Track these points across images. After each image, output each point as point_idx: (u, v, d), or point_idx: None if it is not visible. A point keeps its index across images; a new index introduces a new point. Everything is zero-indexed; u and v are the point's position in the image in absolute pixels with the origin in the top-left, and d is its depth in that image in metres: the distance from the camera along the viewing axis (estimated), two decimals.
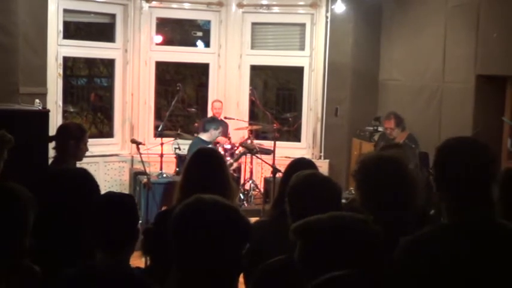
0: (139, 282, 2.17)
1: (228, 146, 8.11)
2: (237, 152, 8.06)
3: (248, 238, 2.02)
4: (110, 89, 9.43)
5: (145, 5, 8.93)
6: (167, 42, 9.85)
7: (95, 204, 2.39)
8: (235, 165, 7.87)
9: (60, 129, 4.42)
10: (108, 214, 2.34)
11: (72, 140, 4.16)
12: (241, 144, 8.01)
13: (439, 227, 2.20)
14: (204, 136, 7.60)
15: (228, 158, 7.74)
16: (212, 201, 2.01)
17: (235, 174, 7.71)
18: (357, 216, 2.01)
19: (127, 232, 2.35)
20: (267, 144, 8.43)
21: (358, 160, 2.73)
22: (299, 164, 3.26)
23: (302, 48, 9.29)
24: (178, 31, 10.64)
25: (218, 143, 8.09)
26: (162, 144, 7.80)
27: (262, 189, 8.40)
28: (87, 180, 2.72)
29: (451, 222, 2.13)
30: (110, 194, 2.47)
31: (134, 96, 8.98)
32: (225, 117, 8.59)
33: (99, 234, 2.31)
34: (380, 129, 8.22)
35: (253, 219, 3.30)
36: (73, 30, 9.94)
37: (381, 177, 2.57)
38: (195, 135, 8.32)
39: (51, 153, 4.97)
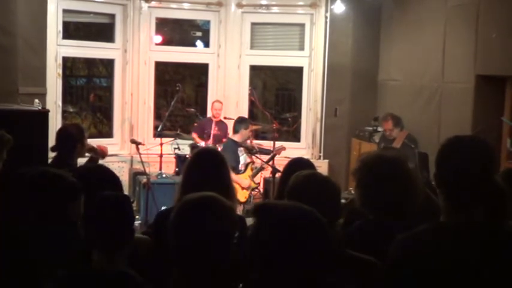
0: (134, 282, 2.17)
1: None
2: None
3: (233, 232, 2.06)
4: (110, 89, 9.43)
5: (145, 5, 8.93)
6: (166, 42, 9.84)
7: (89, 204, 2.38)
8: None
9: (63, 134, 4.46)
10: (103, 214, 2.33)
11: (79, 143, 4.34)
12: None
13: (435, 226, 2.20)
14: (235, 137, 7.44)
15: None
16: (200, 200, 2.08)
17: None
18: (318, 215, 1.97)
19: (122, 232, 2.35)
20: (267, 144, 8.42)
21: (358, 159, 2.73)
22: (297, 164, 3.27)
23: (301, 48, 9.29)
24: (177, 31, 10.64)
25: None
26: (161, 144, 7.80)
27: (261, 189, 8.39)
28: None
29: (448, 221, 2.13)
30: (105, 194, 2.46)
31: (134, 96, 8.98)
32: (225, 118, 8.58)
33: (95, 234, 2.30)
34: (379, 129, 8.23)
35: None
36: (72, 30, 9.93)
37: (381, 177, 2.57)
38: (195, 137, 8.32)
39: (51, 153, 4.98)
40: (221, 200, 2.11)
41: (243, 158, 7.40)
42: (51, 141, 4.90)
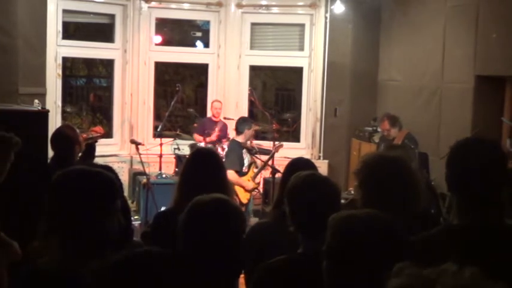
0: None
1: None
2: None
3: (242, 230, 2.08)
4: (109, 89, 9.43)
5: (145, 6, 8.93)
6: (166, 42, 9.85)
7: None
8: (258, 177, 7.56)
9: (60, 138, 4.48)
10: None
11: (77, 144, 4.40)
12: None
13: (448, 228, 2.20)
14: (239, 138, 7.16)
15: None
16: (210, 201, 2.10)
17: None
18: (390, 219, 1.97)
19: (121, 232, 2.36)
20: (266, 144, 8.42)
21: (360, 159, 2.72)
22: (298, 164, 3.26)
23: (301, 48, 9.29)
24: (177, 31, 10.65)
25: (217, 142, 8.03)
26: (161, 144, 7.79)
27: (261, 190, 8.39)
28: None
29: (460, 223, 2.13)
30: None
31: (133, 97, 8.98)
32: (225, 118, 8.59)
33: None
34: (379, 129, 8.23)
35: (253, 220, 3.32)
36: (72, 30, 9.95)
37: (384, 177, 2.57)
38: (193, 137, 8.31)
39: (51, 153, 4.98)
40: (231, 201, 2.15)
41: (247, 160, 7.36)
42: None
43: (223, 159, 7.37)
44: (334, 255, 1.86)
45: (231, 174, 7.11)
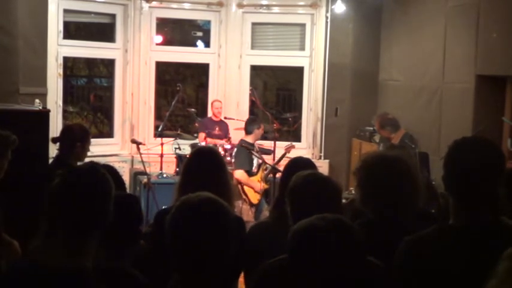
0: (138, 282, 2.18)
1: (228, 146, 8.11)
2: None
3: (237, 234, 2.08)
4: (110, 89, 9.43)
5: (146, 5, 8.93)
6: (167, 42, 9.85)
7: None
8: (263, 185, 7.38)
9: (66, 131, 4.53)
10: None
11: (79, 142, 4.35)
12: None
13: (443, 228, 2.19)
14: (248, 138, 7.27)
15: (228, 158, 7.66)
16: (198, 201, 2.07)
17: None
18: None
19: (129, 232, 2.36)
20: (267, 144, 8.42)
21: (360, 158, 2.72)
22: (297, 164, 3.26)
23: (302, 48, 9.29)
24: (178, 31, 10.65)
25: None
26: (162, 144, 7.80)
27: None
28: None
29: (456, 223, 2.12)
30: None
31: (134, 96, 8.98)
32: (225, 117, 8.59)
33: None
34: None
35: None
36: (73, 30, 9.95)
37: (383, 176, 2.57)
38: (193, 136, 8.31)
39: (51, 153, 4.99)
40: (217, 200, 2.11)
41: (256, 160, 7.34)
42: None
43: (233, 160, 7.41)
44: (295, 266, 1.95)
45: (240, 174, 7.13)
